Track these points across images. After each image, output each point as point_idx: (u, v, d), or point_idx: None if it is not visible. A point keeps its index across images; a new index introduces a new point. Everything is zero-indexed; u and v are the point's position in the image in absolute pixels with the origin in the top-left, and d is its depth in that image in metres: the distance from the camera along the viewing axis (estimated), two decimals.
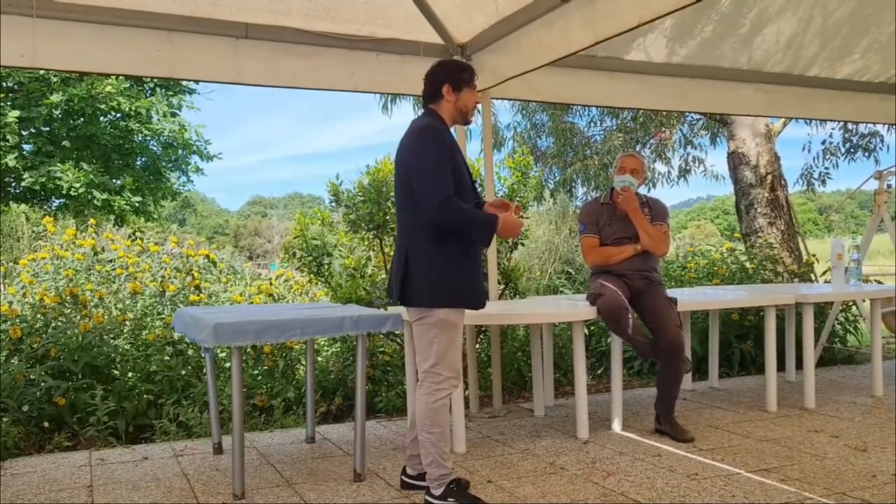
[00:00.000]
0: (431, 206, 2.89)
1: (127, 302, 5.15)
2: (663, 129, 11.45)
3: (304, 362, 4.78)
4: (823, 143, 10.45)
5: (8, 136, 14.95)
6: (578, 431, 4.10)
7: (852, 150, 10.32)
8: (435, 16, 4.54)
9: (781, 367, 5.49)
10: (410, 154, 3.01)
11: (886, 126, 9.51)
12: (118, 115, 16.35)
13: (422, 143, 2.99)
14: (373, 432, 4.30)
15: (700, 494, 3.13)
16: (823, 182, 10.59)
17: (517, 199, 5.54)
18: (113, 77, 14.93)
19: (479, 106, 3.96)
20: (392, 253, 3.63)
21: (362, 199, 5.25)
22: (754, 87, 5.74)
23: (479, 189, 5.26)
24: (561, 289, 7.44)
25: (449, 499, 3.01)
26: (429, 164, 2.92)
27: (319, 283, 5.56)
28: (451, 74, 3.11)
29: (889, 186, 5.86)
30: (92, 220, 6.82)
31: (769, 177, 8.21)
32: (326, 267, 5.44)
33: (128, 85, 15.73)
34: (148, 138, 17.23)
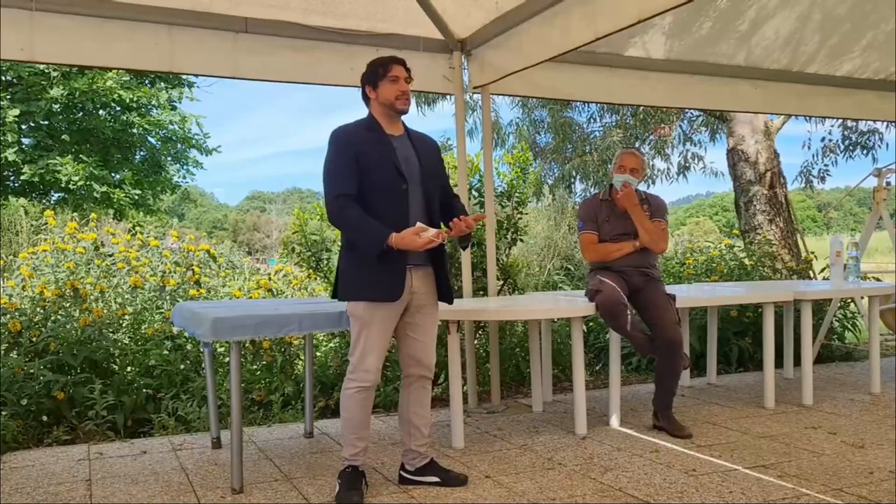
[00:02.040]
0: (326, 209, 3.06)
1: (126, 296, 5.16)
2: (663, 125, 11.45)
3: (302, 357, 4.78)
4: (823, 140, 10.46)
5: (7, 133, 14.93)
6: (576, 427, 4.11)
7: (851, 147, 10.34)
8: (434, 11, 4.54)
9: (779, 363, 5.51)
10: None
11: (886, 123, 9.51)
12: (118, 108, 16.32)
13: (327, 147, 3.10)
14: (371, 427, 4.30)
15: (698, 490, 3.14)
16: (823, 179, 10.61)
17: (516, 194, 5.54)
18: (114, 71, 14.90)
19: (479, 101, 3.95)
20: None
21: None
22: (752, 84, 5.74)
23: (479, 184, 5.29)
24: (560, 285, 7.45)
25: (339, 480, 3.12)
26: (324, 169, 3.07)
27: (318, 278, 5.55)
28: (367, 74, 3.14)
29: (888, 184, 5.86)
30: (93, 215, 6.81)
31: (768, 174, 8.22)
32: (325, 262, 5.44)
33: (127, 78, 15.70)
34: (147, 132, 17.20)
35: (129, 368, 4.60)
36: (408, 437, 3.26)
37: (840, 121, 9.94)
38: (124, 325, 4.88)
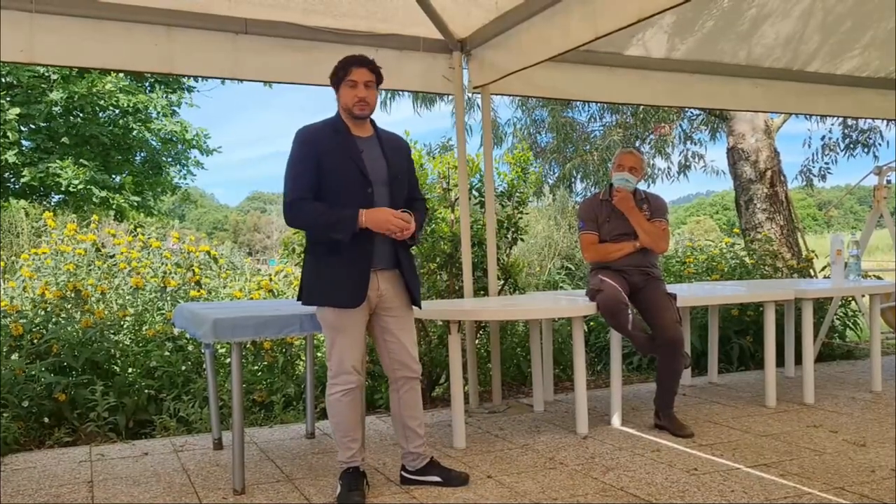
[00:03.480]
0: (283, 213, 3.02)
1: (127, 297, 5.16)
2: (663, 124, 11.45)
3: (303, 358, 4.78)
4: (823, 138, 10.47)
5: (8, 133, 14.92)
6: (578, 427, 4.11)
7: (851, 145, 10.34)
8: (434, 11, 4.53)
9: (780, 362, 5.50)
10: None
11: (886, 121, 9.51)
12: (117, 111, 16.31)
13: (291, 146, 3.07)
14: (372, 427, 4.31)
15: (699, 489, 3.14)
16: (823, 177, 10.62)
17: (517, 194, 5.54)
18: (113, 74, 14.88)
19: (479, 101, 3.94)
20: None
21: None
22: (753, 83, 5.74)
23: (479, 184, 5.28)
24: (560, 284, 7.44)
25: (340, 481, 3.12)
26: (285, 169, 3.03)
27: None
28: (333, 76, 3.09)
29: (888, 182, 5.87)
30: (94, 216, 6.81)
31: (768, 172, 8.22)
32: None
33: (126, 82, 15.69)
34: (147, 135, 17.19)
35: (130, 370, 4.60)
36: (404, 441, 3.26)
37: (840, 119, 9.94)
38: (125, 326, 4.88)
